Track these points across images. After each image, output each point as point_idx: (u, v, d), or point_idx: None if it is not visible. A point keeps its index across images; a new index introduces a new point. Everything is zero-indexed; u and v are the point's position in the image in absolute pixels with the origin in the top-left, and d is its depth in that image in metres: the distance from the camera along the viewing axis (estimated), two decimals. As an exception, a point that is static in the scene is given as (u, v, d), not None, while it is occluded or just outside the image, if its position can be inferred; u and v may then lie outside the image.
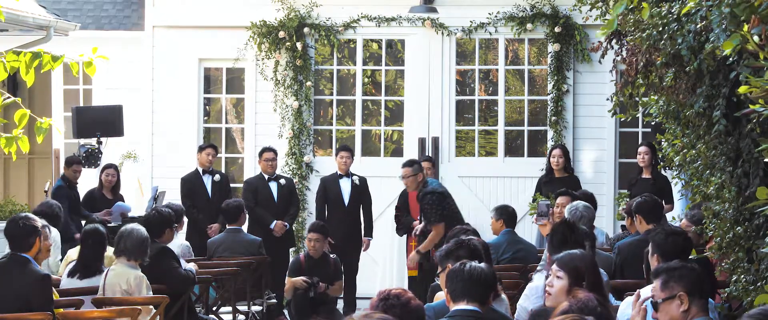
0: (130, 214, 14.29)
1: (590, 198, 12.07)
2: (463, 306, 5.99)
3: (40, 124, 6.45)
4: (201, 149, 14.90)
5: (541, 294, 7.55)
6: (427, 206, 12.59)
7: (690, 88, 7.98)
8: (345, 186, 14.47)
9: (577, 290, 5.98)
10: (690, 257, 7.85)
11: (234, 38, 16.39)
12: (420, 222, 13.90)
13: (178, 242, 11.68)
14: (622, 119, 9.58)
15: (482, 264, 6.13)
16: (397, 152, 17.03)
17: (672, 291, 5.56)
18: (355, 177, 14.52)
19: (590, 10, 9.39)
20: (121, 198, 14.88)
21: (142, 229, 9.84)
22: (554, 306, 6.28)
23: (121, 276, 9.55)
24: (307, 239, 12.64)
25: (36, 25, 14.69)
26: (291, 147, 16.34)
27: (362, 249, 14.58)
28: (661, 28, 7.39)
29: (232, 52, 16.46)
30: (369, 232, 14.60)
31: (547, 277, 6.81)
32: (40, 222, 8.89)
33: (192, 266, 11.00)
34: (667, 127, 10.26)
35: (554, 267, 6.41)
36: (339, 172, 14.54)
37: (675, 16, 7.25)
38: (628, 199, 13.09)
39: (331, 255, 12.71)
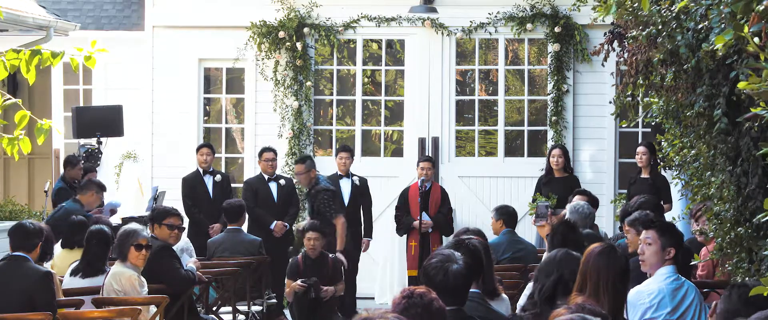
0: (130, 215, 14.30)
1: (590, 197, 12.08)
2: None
3: (40, 126, 6.45)
4: (196, 150, 14.93)
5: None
6: (324, 202, 13.30)
7: (690, 87, 7.99)
8: (345, 186, 14.45)
9: (574, 296, 5.96)
10: (692, 263, 7.88)
11: (234, 38, 16.39)
12: (420, 221, 13.92)
13: (181, 242, 11.67)
14: (623, 126, 9.57)
15: (453, 269, 5.93)
16: (397, 152, 17.04)
17: None
18: (355, 178, 14.52)
19: (594, 9, 9.39)
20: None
21: (127, 226, 9.91)
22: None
23: (115, 277, 9.58)
24: (306, 239, 12.57)
25: (36, 25, 14.69)
26: (291, 147, 16.34)
27: (362, 249, 14.57)
28: (660, 27, 7.40)
29: (232, 52, 16.46)
30: (368, 233, 14.59)
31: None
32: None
33: (192, 264, 10.99)
34: (666, 127, 10.26)
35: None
36: (339, 173, 14.53)
37: (674, 15, 7.26)
38: (625, 201, 13.10)
39: (331, 255, 12.68)
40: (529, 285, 8.04)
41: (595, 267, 6.44)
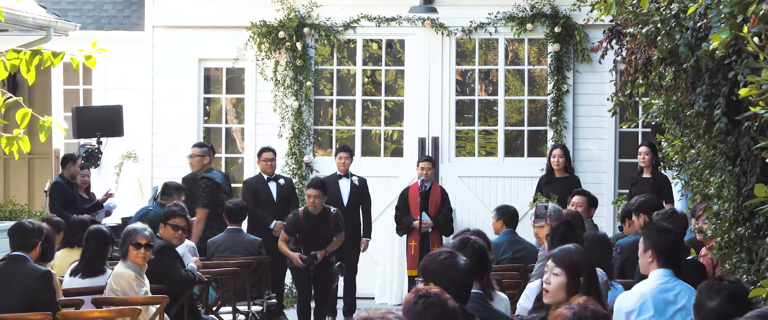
0: (130, 215, 14.30)
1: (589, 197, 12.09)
2: None
3: (42, 123, 6.45)
4: None
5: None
6: (201, 189, 13.70)
7: (689, 87, 7.99)
8: (344, 186, 14.45)
9: (575, 297, 5.96)
10: (689, 257, 7.86)
11: (234, 38, 16.39)
12: (420, 221, 13.92)
13: (186, 243, 11.70)
14: (623, 127, 9.59)
15: (460, 262, 5.98)
16: (397, 152, 17.04)
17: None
18: (354, 178, 14.51)
19: (591, 11, 9.38)
20: (95, 197, 14.90)
21: (130, 225, 9.93)
22: (552, 303, 6.26)
23: (115, 277, 9.59)
24: (307, 195, 12.98)
25: (36, 25, 14.69)
26: (291, 147, 16.35)
27: (361, 249, 14.56)
28: (659, 25, 7.39)
29: (232, 52, 16.46)
30: (368, 233, 14.58)
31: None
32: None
33: (193, 263, 11.00)
34: (666, 127, 10.27)
35: (550, 263, 6.38)
36: (338, 173, 14.53)
37: (673, 13, 7.26)
38: (627, 201, 13.09)
39: (332, 209, 12.88)
40: (530, 285, 8.05)
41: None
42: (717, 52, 5.59)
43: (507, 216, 11.70)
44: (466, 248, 6.72)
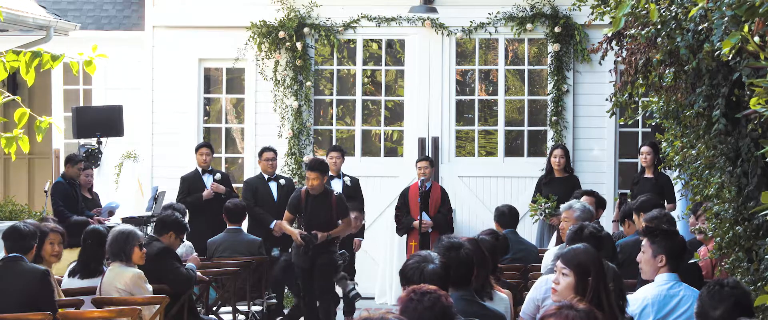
0: (130, 215, 14.31)
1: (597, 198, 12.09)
2: None
3: (39, 123, 6.44)
4: (195, 149, 14.94)
5: (550, 286, 7.57)
6: None
7: (689, 87, 7.99)
8: (336, 187, 14.36)
9: (576, 298, 5.95)
10: (691, 261, 7.87)
11: (234, 38, 16.39)
12: (419, 221, 13.91)
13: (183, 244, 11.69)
14: (622, 123, 9.58)
15: (428, 269, 6.02)
16: (397, 152, 17.03)
17: None
18: (346, 178, 14.47)
19: (592, 14, 9.37)
20: (98, 197, 14.89)
21: (123, 227, 9.91)
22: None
23: (117, 276, 9.57)
24: (306, 178, 12.63)
25: (36, 25, 14.69)
26: (291, 147, 16.34)
27: (354, 250, 14.49)
28: (659, 26, 7.39)
29: (232, 52, 16.46)
30: (360, 233, 14.54)
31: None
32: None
33: (191, 261, 11.00)
34: (666, 127, 10.27)
35: (559, 263, 6.37)
36: (330, 173, 14.46)
37: (673, 14, 7.25)
38: (628, 200, 13.09)
39: (334, 192, 12.67)
40: (541, 278, 8.02)
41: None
42: (724, 54, 5.59)
43: (508, 216, 11.71)
44: (451, 251, 6.73)
